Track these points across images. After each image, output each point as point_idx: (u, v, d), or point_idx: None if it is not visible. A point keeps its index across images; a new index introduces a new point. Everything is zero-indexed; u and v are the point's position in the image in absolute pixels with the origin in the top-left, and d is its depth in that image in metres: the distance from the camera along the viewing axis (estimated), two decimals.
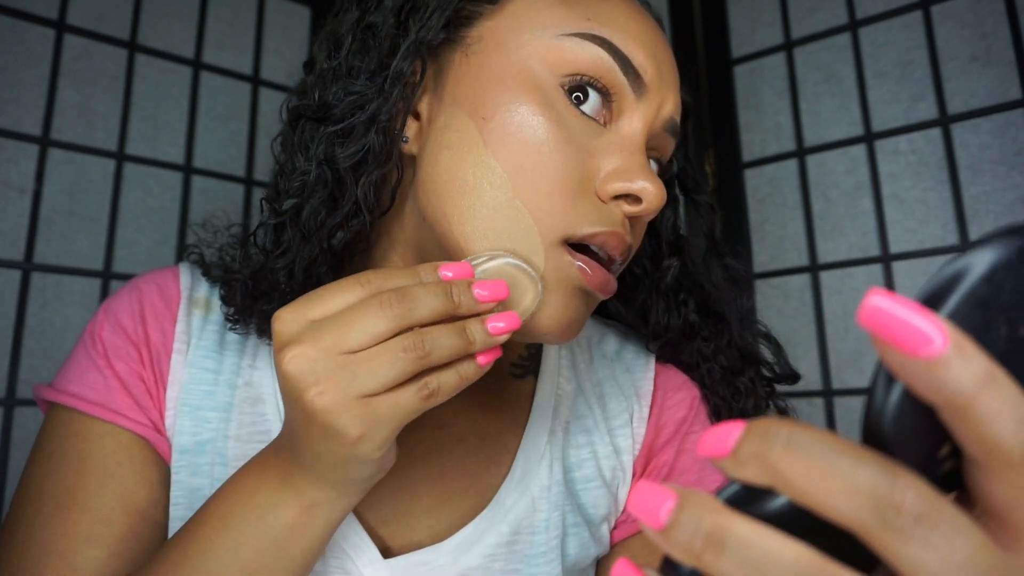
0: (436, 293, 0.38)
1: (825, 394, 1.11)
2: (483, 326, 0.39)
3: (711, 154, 1.29)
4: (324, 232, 0.48)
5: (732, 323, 0.61)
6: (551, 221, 0.43)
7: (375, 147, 0.47)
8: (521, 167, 0.43)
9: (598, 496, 0.56)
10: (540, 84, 0.45)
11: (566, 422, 0.58)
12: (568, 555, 0.53)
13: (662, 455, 0.59)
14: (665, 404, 0.60)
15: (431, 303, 0.37)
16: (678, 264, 0.61)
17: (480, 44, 0.47)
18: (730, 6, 1.30)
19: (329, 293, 0.38)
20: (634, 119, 0.46)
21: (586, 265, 0.44)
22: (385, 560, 0.49)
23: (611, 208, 0.45)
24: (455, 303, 0.38)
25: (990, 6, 1.05)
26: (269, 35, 1.30)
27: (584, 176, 0.44)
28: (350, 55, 0.49)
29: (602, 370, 0.62)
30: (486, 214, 0.44)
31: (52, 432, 0.53)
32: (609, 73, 0.45)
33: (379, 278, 0.38)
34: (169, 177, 1.15)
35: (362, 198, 0.47)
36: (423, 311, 0.37)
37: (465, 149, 0.45)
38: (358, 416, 0.36)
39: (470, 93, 0.46)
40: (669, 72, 0.48)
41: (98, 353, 0.53)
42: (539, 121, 0.44)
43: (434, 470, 0.53)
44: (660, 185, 0.44)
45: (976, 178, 1.04)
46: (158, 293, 0.55)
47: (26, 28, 1.04)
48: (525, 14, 0.47)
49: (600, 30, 0.45)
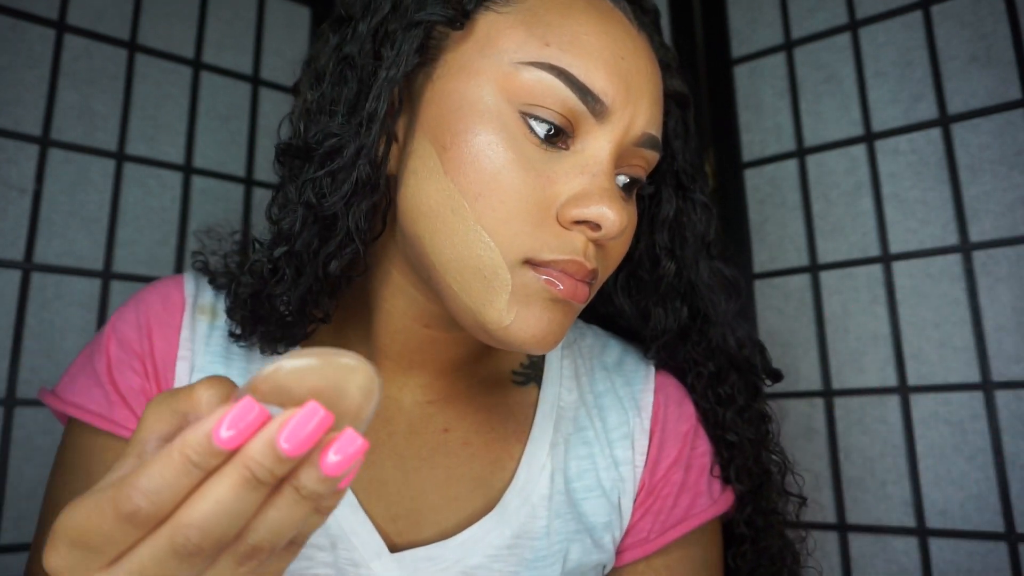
0: (236, 495, 0.26)
1: (825, 394, 1.12)
2: (319, 473, 0.27)
3: (711, 154, 1.29)
4: (318, 261, 0.49)
5: (717, 325, 0.62)
6: (511, 246, 0.44)
7: (362, 178, 0.47)
8: (479, 194, 0.44)
9: (598, 505, 0.57)
10: (496, 112, 0.45)
11: (567, 435, 0.59)
12: (569, 561, 0.54)
13: (673, 474, 0.59)
14: (668, 418, 0.61)
15: (239, 508, 0.26)
16: (674, 267, 0.61)
17: (444, 68, 0.47)
18: (730, 6, 1.30)
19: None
20: (598, 141, 0.46)
21: (552, 278, 0.45)
22: (392, 554, 0.50)
23: (573, 235, 0.45)
24: (265, 481, 0.26)
25: (990, 6, 1.05)
26: (269, 35, 1.29)
27: (544, 202, 0.45)
28: (330, 87, 0.50)
29: (602, 382, 0.62)
30: (449, 238, 0.45)
31: (66, 443, 0.54)
32: (566, 101, 0.45)
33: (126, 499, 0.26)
34: (169, 177, 1.15)
35: (353, 228, 0.48)
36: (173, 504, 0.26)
37: (428, 175, 0.46)
38: None
39: (433, 120, 0.47)
40: (640, 86, 0.48)
41: (103, 367, 0.54)
42: (495, 150, 0.44)
43: (440, 471, 0.54)
44: (619, 210, 0.44)
45: (976, 178, 1.04)
46: (161, 303, 0.56)
47: (26, 28, 1.04)
48: (486, 38, 0.47)
49: (558, 58, 0.45)
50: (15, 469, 0.95)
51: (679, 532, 0.57)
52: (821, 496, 1.08)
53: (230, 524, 0.26)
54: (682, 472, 0.59)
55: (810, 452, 1.10)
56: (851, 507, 1.07)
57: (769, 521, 0.61)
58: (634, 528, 0.58)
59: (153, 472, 0.25)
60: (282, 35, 1.31)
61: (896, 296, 1.08)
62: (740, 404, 0.61)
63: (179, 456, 0.25)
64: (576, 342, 0.64)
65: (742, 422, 0.60)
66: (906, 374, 1.06)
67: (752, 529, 0.61)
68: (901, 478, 1.03)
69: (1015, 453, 0.96)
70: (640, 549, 0.57)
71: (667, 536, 0.57)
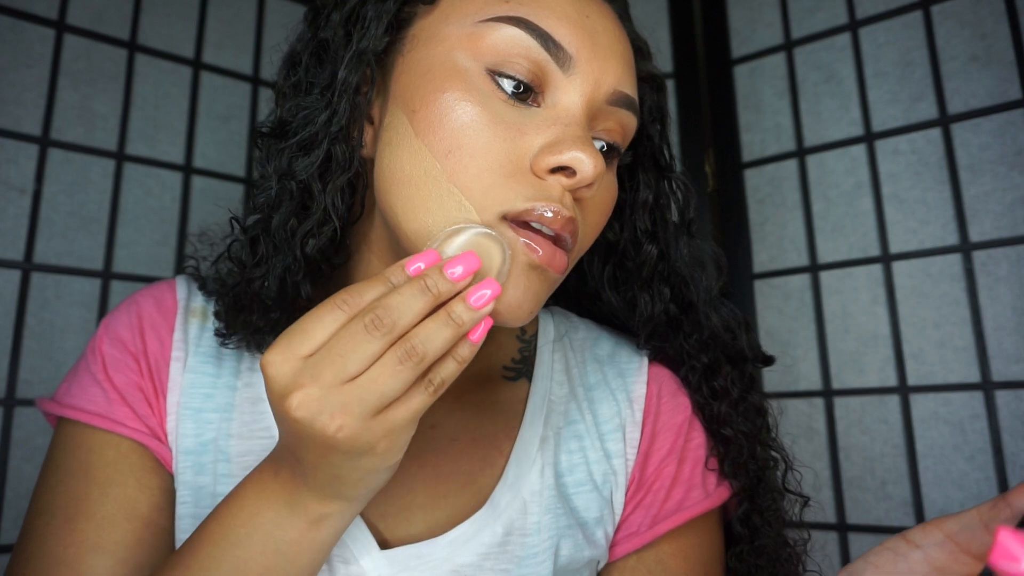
0: (413, 294, 0.38)
1: (825, 394, 1.12)
2: (466, 304, 0.38)
3: (711, 154, 1.29)
4: (296, 240, 0.49)
5: (699, 305, 0.61)
6: (486, 200, 0.44)
7: (337, 155, 0.48)
8: (450, 151, 0.44)
9: (590, 499, 0.56)
10: (463, 71, 0.46)
11: (558, 428, 0.58)
12: (560, 556, 0.54)
13: (666, 466, 0.59)
14: (661, 408, 0.60)
15: (412, 306, 0.37)
16: (656, 250, 0.61)
17: (413, 42, 0.49)
18: (730, 6, 1.30)
19: (311, 324, 0.38)
20: (568, 93, 0.46)
21: (531, 241, 0.44)
22: (382, 551, 0.50)
23: (549, 183, 0.45)
24: (434, 294, 0.38)
25: (990, 6, 1.05)
26: (269, 35, 1.30)
27: (516, 154, 0.45)
28: (305, 70, 0.51)
29: (594, 375, 0.62)
30: (423, 201, 0.45)
31: (60, 445, 0.54)
32: (529, 51, 0.45)
33: (354, 296, 0.38)
34: (169, 177, 1.15)
35: (330, 205, 0.48)
36: (407, 317, 0.37)
37: (401, 142, 0.46)
38: (379, 431, 0.37)
39: (403, 89, 0.48)
40: (609, 44, 0.48)
41: (98, 367, 0.54)
42: (463, 106, 0.45)
43: (429, 468, 0.54)
44: (594, 154, 0.44)
45: (976, 178, 1.04)
46: (155, 306, 0.57)
47: (26, 28, 1.04)
48: (451, 6, 0.48)
49: (516, 10, 0.46)
50: (15, 469, 0.95)
51: (670, 525, 0.56)
52: (821, 496, 1.08)
53: (439, 339, 0.37)
54: (675, 464, 0.58)
55: (810, 452, 1.10)
56: (851, 507, 1.07)
57: (766, 520, 0.60)
58: (626, 522, 0.57)
59: (402, 294, 0.37)
60: (282, 35, 1.30)
61: (896, 296, 1.08)
62: (735, 397, 0.60)
63: (420, 283, 0.38)
64: (567, 335, 0.64)
65: (737, 415, 0.60)
66: (906, 374, 1.06)
67: (749, 528, 0.60)
68: (901, 478, 1.03)
69: (1015, 453, 0.96)
70: (631, 542, 0.57)
71: (657, 529, 0.56)
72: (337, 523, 0.42)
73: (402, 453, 0.39)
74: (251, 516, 0.42)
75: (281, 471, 0.42)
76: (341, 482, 0.40)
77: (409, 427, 0.38)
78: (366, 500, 0.43)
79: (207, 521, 0.44)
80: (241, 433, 0.53)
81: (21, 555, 0.50)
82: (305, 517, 0.41)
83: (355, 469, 0.39)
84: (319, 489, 0.40)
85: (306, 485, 0.41)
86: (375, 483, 0.41)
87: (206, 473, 0.52)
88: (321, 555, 0.43)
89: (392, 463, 0.39)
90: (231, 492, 0.44)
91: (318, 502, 0.41)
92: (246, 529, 0.42)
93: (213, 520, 0.44)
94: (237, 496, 0.44)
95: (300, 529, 0.41)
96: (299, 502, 0.41)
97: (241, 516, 0.42)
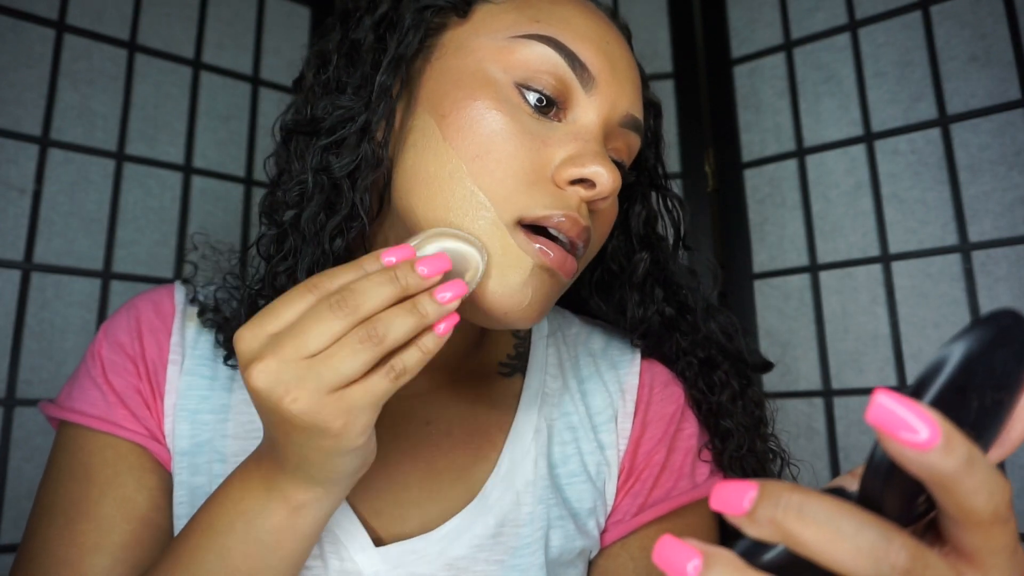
0: (381, 282, 0.39)
1: (825, 394, 1.12)
2: (432, 298, 0.40)
3: (711, 154, 1.29)
4: (324, 235, 0.50)
5: (698, 313, 0.62)
6: (506, 204, 0.46)
7: (367, 155, 0.50)
8: (476, 155, 0.46)
9: (583, 490, 0.57)
10: (494, 82, 0.48)
11: (552, 420, 0.59)
12: (552, 547, 0.54)
13: (655, 454, 0.59)
14: (652, 399, 0.61)
15: (379, 292, 0.39)
16: (648, 257, 0.63)
17: (442, 50, 0.51)
18: (730, 6, 1.30)
19: (281, 305, 0.39)
20: (588, 112, 0.49)
21: (544, 246, 0.47)
22: (377, 548, 0.51)
23: (567, 194, 0.47)
24: (402, 285, 0.40)
25: (990, 6, 1.05)
26: (269, 35, 1.30)
27: (539, 164, 0.47)
28: (337, 70, 0.53)
29: (587, 368, 0.63)
30: (445, 201, 0.47)
31: (61, 448, 0.55)
32: (556, 69, 0.48)
33: (325, 280, 0.40)
34: (169, 177, 1.15)
35: (359, 202, 0.50)
36: (372, 302, 0.39)
37: (427, 144, 0.48)
38: (335, 409, 0.38)
39: (432, 95, 0.50)
40: (624, 70, 0.51)
41: (97, 371, 0.56)
42: (493, 114, 0.47)
43: (422, 464, 0.55)
44: (613, 169, 0.47)
45: (976, 178, 1.04)
46: (153, 310, 0.59)
47: (26, 28, 1.04)
48: (482, 21, 0.50)
49: (547, 30, 0.49)
50: (15, 469, 0.95)
51: (656, 513, 0.56)
52: None
53: (402, 325, 0.39)
54: (664, 452, 0.58)
55: (810, 452, 1.11)
56: None
57: None
58: (615, 510, 0.58)
59: (370, 280, 0.39)
60: (282, 35, 1.31)
61: (896, 296, 1.08)
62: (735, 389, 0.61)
63: (389, 273, 0.39)
64: (561, 330, 0.65)
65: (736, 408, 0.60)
66: (906, 374, 1.06)
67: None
68: None
69: (1015, 453, 0.96)
70: (617, 529, 0.57)
71: (643, 516, 0.56)
72: (316, 511, 0.43)
73: (363, 438, 0.40)
74: (234, 504, 0.44)
75: (263, 460, 0.43)
76: (309, 464, 0.41)
77: (368, 410, 0.39)
78: (343, 489, 0.44)
79: (197, 512, 0.45)
80: (237, 434, 0.54)
81: (25, 555, 0.51)
82: (284, 504, 0.42)
83: (316, 450, 0.39)
84: (292, 473, 0.41)
85: (282, 470, 0.42)
86: (343, 467, 0.42)
87: (202, 473, 0.53)
88: (303, 544, 0.44)
89: (353, 447, 0.40)
90: (220, 484, 0.46)
91: (294, 488, 0.42)
92: (229, 517, 0.43)
93: (202, 510, 0.45)
94: (224, 486, 0.45)
95: (280, 516, 0.43)
96: (277, 487, 0.42)
97: (226, 504, 0.44)
